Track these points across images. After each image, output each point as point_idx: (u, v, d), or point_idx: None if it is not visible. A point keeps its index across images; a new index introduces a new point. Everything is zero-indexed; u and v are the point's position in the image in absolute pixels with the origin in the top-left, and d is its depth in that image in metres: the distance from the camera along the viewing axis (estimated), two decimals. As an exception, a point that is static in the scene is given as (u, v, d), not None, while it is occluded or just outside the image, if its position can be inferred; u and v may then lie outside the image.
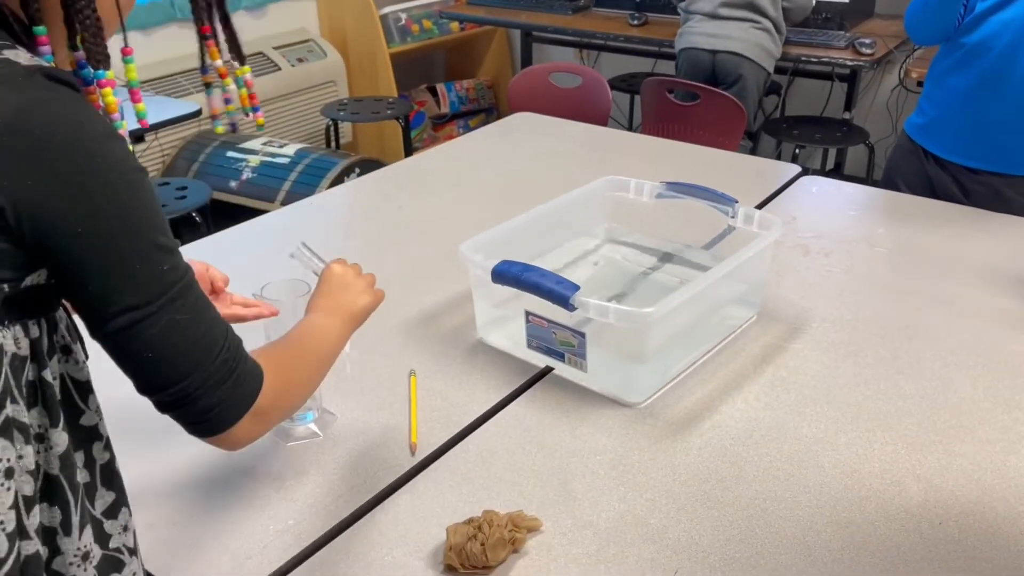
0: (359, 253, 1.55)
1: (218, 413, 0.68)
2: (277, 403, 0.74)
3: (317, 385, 0.87)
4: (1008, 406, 1.09)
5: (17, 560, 0.62)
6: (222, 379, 0.67)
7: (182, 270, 0.64)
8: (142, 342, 0.63)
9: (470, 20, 3.93)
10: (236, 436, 0.70)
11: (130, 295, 0.61)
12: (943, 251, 1.50)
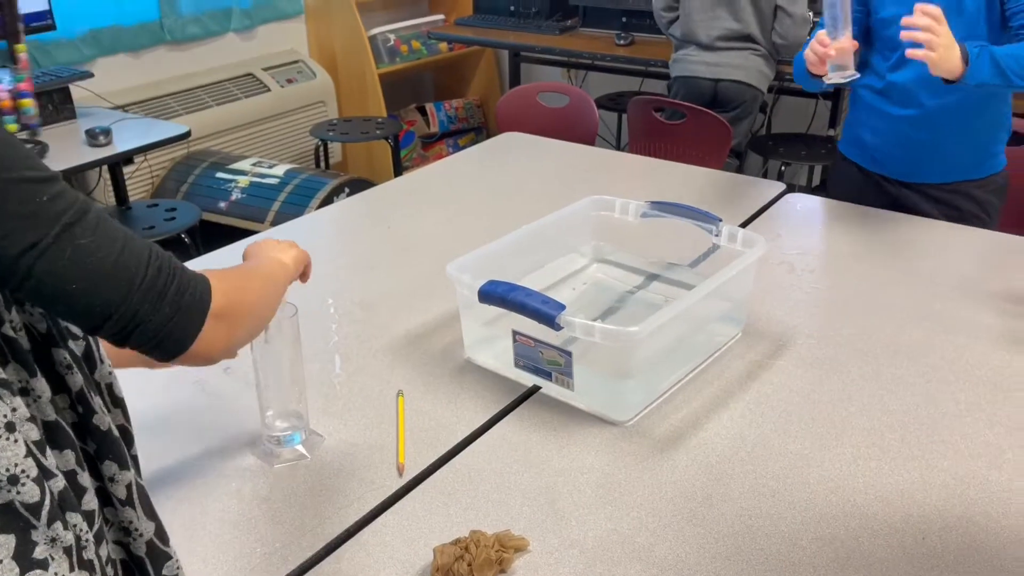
0: (348, 273, 1.56)
1: (175, 327, 0.66)
2: (236, 303, 0.72)
3: (271, 303, 0.85)
4: (990, 421, 1.10)
5: (52, 499, 0.62)
6: (162, 291, 0.65)
7: (69, 198, 0.62)
8: (56, 276, 0.61)
9: (458, 41, 3.96)
10: (208, 346, 0.69)
11: (20, 236, 0.59)
12: (925, 267, 1.52)
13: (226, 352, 0.72)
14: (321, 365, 1.27)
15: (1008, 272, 1.48)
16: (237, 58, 3.61)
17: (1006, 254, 1.57)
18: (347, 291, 1.50)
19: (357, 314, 1.42)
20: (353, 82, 3.91)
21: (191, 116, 3.24)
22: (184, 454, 1.08)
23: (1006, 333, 1.29)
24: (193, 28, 3.39)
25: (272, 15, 3.72)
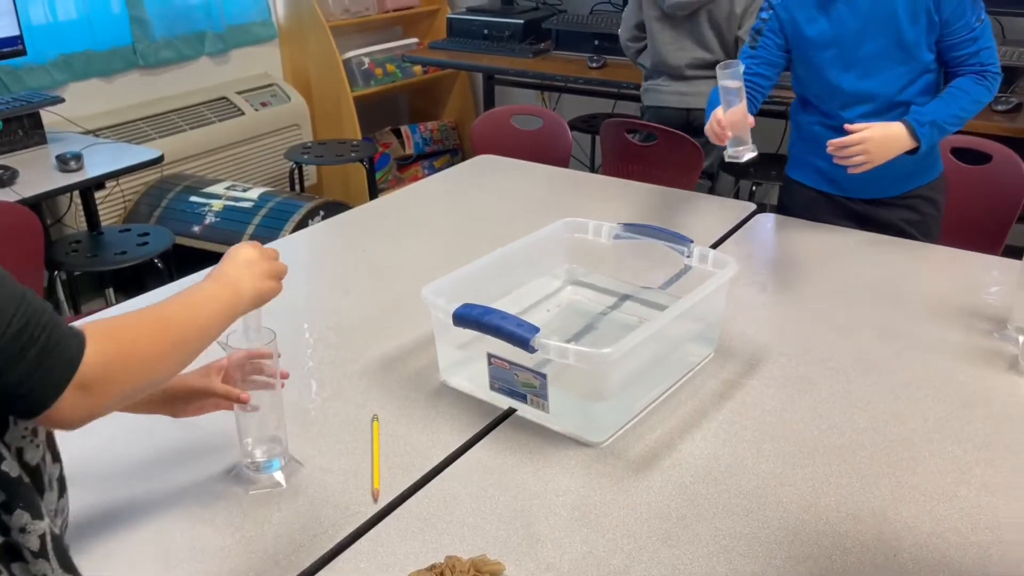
0: (323, 297, 1.56)
1: (33, 386, 0.63)
2: (111, 373, 0.68)
3: (182, 358, 0.79)
4: (957, 437, 1.12)
5: None
6: (24, 346, 0.63)
7: None
8: None
9: (432, 64, 3.98)
10: (63, 413, 0.65)
11: None
12: (894, 285, 1.54)
13: (90, 419, 0.68)
14: (296, 391, 1.26)
15: (973, 289, 1.51)
16: (211, 82, 3.60)
17: (972, 271, 1.60)
18: (322, 315, 1.50)
19: (332, 338, 1.42)
20: (328, 105, 3.91)
21: (164, 140, 3.23)
22: (158, 482, 1.07)
23: (972, 350, 1.32)
24: (166, 52, 3.39)
25: (246, 39, 3.72)
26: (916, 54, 1.64)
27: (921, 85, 1.67)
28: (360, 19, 3.99)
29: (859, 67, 1.66)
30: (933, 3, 1.58)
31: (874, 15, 1.62)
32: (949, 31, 1.61)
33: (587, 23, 3.56)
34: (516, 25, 3.69)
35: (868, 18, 1.62)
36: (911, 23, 1.61)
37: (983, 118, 2.49)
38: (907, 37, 1.62)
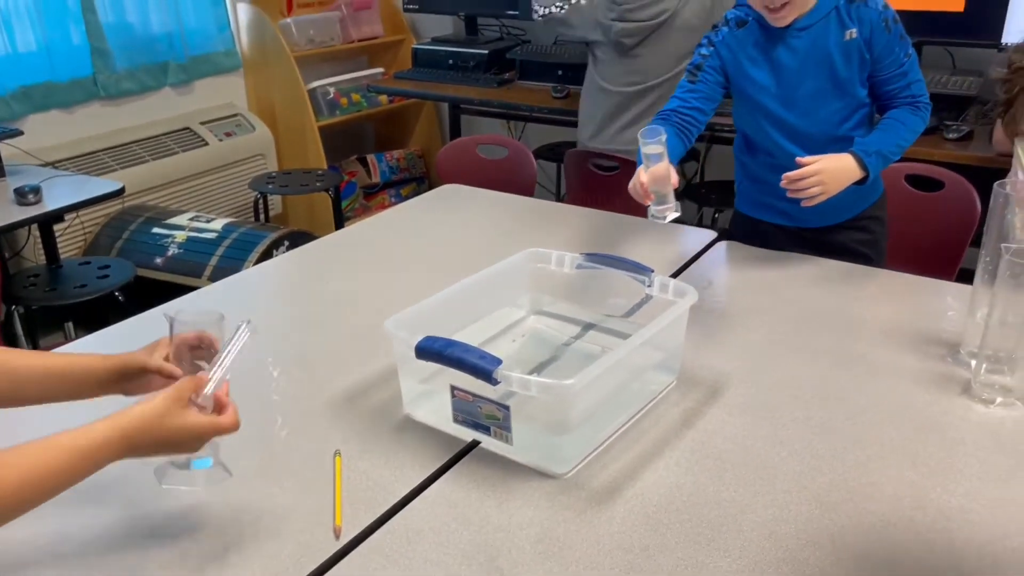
0: (286, 330, 1.55)
1: None
2: None
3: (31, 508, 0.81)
4: (913, 462, 1.14)
5: None
6: None
7: None
8: None
9: (398, 94, 4.01)
10: None
11: None
12: (851, 312, 1.57)
13: None
14: (258, 427, 1.25)
15: (928, 314, 1.54)
16: (174, 112, 3.59)
17: (926, 297, 1.64)
18: (286, 348, 1.49)
19: (295, 372, 1.41)
20: (293, 135, 3.91)
21: (126, 171, 3.20)
22: (87, 512, 1.05)
23: (926, 374, 1.34)
24: (128, 83, 3.37)
25: (210, 69, 3.72)
26: (851, 91, 1.71)
27: (857, 119, 1.74)
28: (325, 49, 4.01)
29: (799, 106, 1.72)
30: (864, 43, 1.65)
31: (810, 55, 1.68)
32: (880, 67, 1.69)
33: (551, 53, 3.61)
34: (481, 55, 3.73)
35: (805, 59, 1.68)
36: (844, 62, 1.67)
37: (936, 146, 2.56)
38: (841, 75, 1.69)
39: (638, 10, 2.54)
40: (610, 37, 2.60)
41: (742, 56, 1.72)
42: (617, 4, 2.52)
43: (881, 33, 1.65)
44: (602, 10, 2.63)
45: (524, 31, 3.99)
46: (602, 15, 2.61)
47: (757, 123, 1.78)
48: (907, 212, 2.18)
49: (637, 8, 2.54)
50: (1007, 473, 1.11)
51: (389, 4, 4.24)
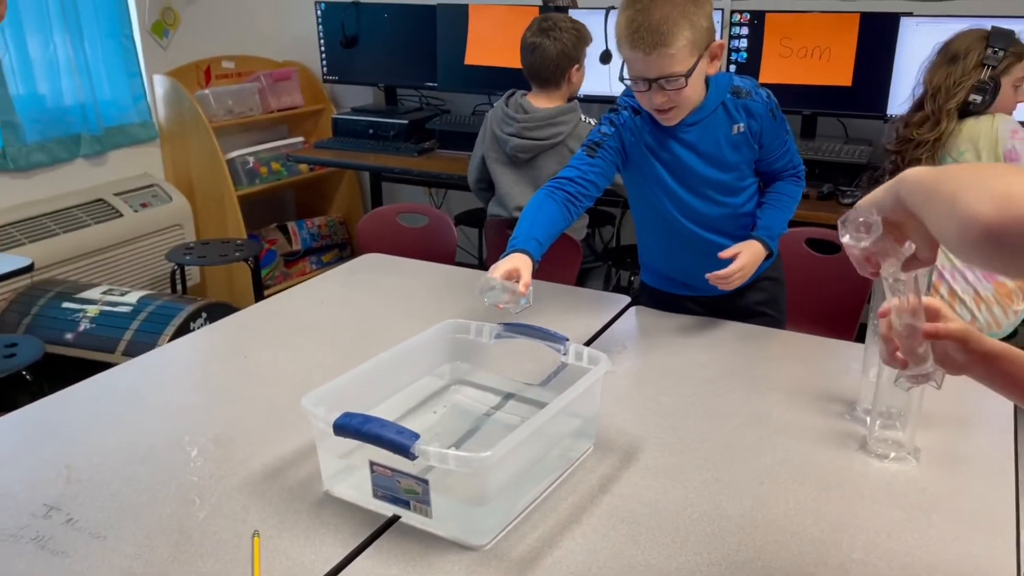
0: (203, 407, 1.53)
1: None
2: None
3: None
4: (815, 518, 1.19)
5: None
6: None
7: None
8: None
9: (318, 163, 4.03)
10: None
11: None
12: (756, 373, 1.64)
13: None
14: (172, 509, 1.23)
15: (827, 373, 1.63)
16: (87, 184, 3.53)
17: (826, 356, 1.73)
18: (203, 426, 1.47)
19: (212, 451, 1.40)
20: (211, 204, 3.89)
21: (35, 245, 3.13)
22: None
23: (826, 432, 1.42)
24: (39, 155, 3.31)
25: (125, 140, 3.69)
26: (741, 176, 1.84)
27: (748, 196, 1.87)
28: (244, 119, 4.02)
29: (695, 190, 1.82)
30: (753, 135, 1.78)
31: (701, 147, 1.78)
32: (769, 151, 1.83)
33: (470, 123, 3.71)
34: (401, 125, 3.80)
35: (696, 150, 1.78)
36: (733, 152, 1.80)
37: (833, 211, 2.72)
38: (731, 163, 1.81)
39: (535, 129, 2.64)
40: (504, 150, 2.70)
41: (641, 142, 1.81)
42: (515, 121, 2.61)
43: (770, 124, 1.78)
44: (498, 123, 2.72)
45: (443, 101, 4.09)
46: (498, 128, 2.70)
47: (658, 205, 1.87)
48: (808, 275, 2.31)
49: (535, 128, 2.64)
50: (900, 525, 1.18)
51: (308, 75, 4.29)
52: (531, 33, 2.64)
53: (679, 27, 1.57)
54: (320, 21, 4.03)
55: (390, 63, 3.98)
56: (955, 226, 0.69)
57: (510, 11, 3.63)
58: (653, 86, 1.63)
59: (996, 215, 0.65)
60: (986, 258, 0.70)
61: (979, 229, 0.66)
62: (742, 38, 3.18)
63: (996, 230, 0.65)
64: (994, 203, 0.65)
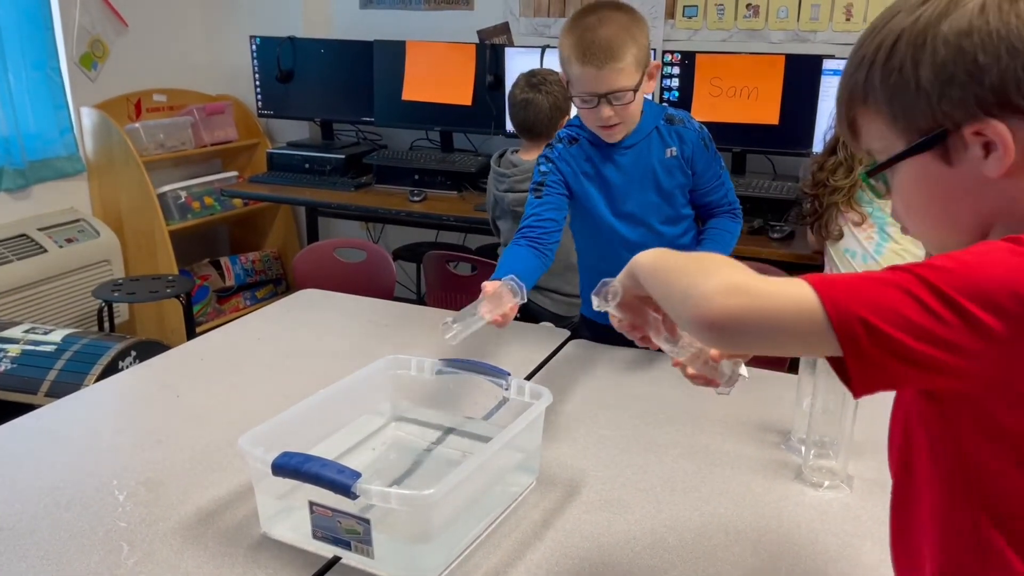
0: (132, 449, 1.48)
1: None
2: None
3: None
4: (755, 548, 1.21)
5: None
6: None
7: None
8: None
9: (252, 198, 3.98)
10: None
11: None
12: (694, 404, 1.67)
13: None
14: (100, 557, 1.18)
15: (763, 404, 1.66)
16: (8, 219, 3.41)
17: (761, 387, 1.76)
18: (132, 469, 1.42)
19: (143, 495, 1.35)
20: (141, 239, 3.79)
21: (-47, 282, 3.00)
22: None
23: (763, 461, 1.45)
24: (-42, 189, 3.19)
25: (49, 174, 3.58)
26: (675, 203, 1.88)
27: (683, 228, 1.92)
28: (176, 153, 3.95)
29: (630, 218, 1.86)
30: (685, 160, 1.83)
31: (635, 171, 1.83)
32: (702, 181, 1.88)
33: (407, 159, 3.71)
34: (337, 160, 3.78)
35: (631, 174, 1.83)
36: (667, 176, 1.84)
37: (762, 245, 2.80)
38: (665, 188, 1.85)
39: (524, 181, 2.68)
40: (504, 207, 2.73)
41: (578, 171, 1.85)
42: (507, 177, 2.65)
43: (701, 151, 1.83)
44: (494, 183, 2.76)
45: (380, 136, 4.09)
46: (494, 188, 2.74)
47: (595, 235, 1.91)
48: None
49: (524, 180, 2.68)
50: (836, 552, 1.20)
51: (243, 109, 4.25)
52: (520, 89, 2.67)
53: (626, 44, 1.66)
54: (255, 55, 4.00)
55: (326, 98, 3.97)
56: (689, 316, 0.76)
57: (447, 48, 3.67)
58: (601, 101, 1.70)
59: (723, 306, 0.73)
60: (717, 342, 0.81)
61: (710, 320, 0.74)
62: (674, 77, 3.27)
63: (723, 320, 0.73)
64: (720, 295, 0.73)
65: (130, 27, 3.88)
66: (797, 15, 3.26)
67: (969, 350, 0.66)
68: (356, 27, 4.01)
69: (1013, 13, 0.69)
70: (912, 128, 0.74)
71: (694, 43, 3.42)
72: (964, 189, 0.74)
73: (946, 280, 0.66)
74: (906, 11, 0.74)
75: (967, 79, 0.70)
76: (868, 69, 0.76)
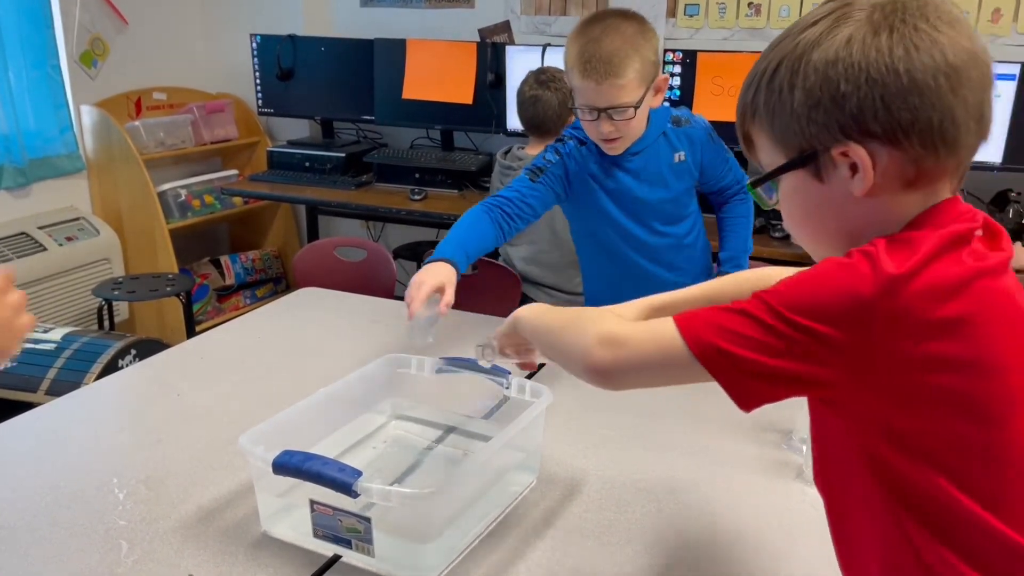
0: (133, 447, 1.48)
1: None
2: None
3: None
4: (757, 549, 1.21)
5: None
6: None
7: None
8: None
9: (252, 196, 3.97)
10: None
11: None
12: (695, 405, 1.66)
13: None
14: (101, 555, 1.18)
15: (763, 403, 1.66)
16: (8, 217, 3.41)
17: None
18: (132, 467, 1.42)
19: (143, 493, 1.35)
20: (141, 238, 3.79)
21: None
22: None
23: (764, 461, 1.44)
24: (-42, 187, 3.19)
25: (49, 173, 3.57)
26: (684, 204, 1.89)
27: (688, 225, 1.92)
28: (176, 152, 3.95)
29: (641, 221, 1.86)
30: (694, 163, 1.83)
31: (645, 176, 1.83)
32: (712, 171, 1.87)
33: (408, 157, 3.71)
34: (338, 158, 3.78)
35: (640, 179, 1.83)
36: (676, 180, 1.85)
37: (764, 244, 2.80)
38: (675, 191, 1.85)
39: None
40: None
41: (586, 173, 1.84)
42: (512, 170, 2.65)
43: (708, 147, 1.83)
44: (499, 178, 2.76)
45: (380, 135, 4.08)
46: (499, 182, 2.74)
47: (602, 236, 1.90)
48: (741, 306, 2.36)
49: None
50: (838, 552, 1.20)
51: (243, 107, 4.25)
52: (529, 87, 2.68)
53: (629, 59, 1.61)
54: (255, 54, 4.00)
55: (327, 96, 3.97)
56: (577, 370, 0.91)
57: (448, 46, 3.66)
58: (601, 115, 1.67)
59: (602, 359, 0.87)
60: (607, 387, 0.91)
61: (594, 371, 0.88)
62: (675, 76, 3.27)
63: (605, 370, 0.87)
64: (597, 349, 0.86)
65: (130, 25, 3.87)
66: (799, 14, 3.26)
67: (821, 360, 0.73)
68: (357, 25, 4.00)
69: (874, 47, 0.74)
70: (789, 146, 0.80)
71: (695, 42, 3.41)
72: (834, 204, 0.80)
73: (781, 301, 0.74)
74: (790, 36, 0.79)
75: (831, 105, 0.75)
76: (755, 89, 0.82)
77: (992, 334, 0.73)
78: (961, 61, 0.74)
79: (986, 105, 0.76)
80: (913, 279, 0.71)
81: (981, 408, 0.74)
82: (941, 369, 0.71)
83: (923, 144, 0.74)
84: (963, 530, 0.75)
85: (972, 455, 0.75)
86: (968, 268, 0.73)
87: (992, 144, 2.78)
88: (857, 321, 0.71)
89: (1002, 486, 0.75)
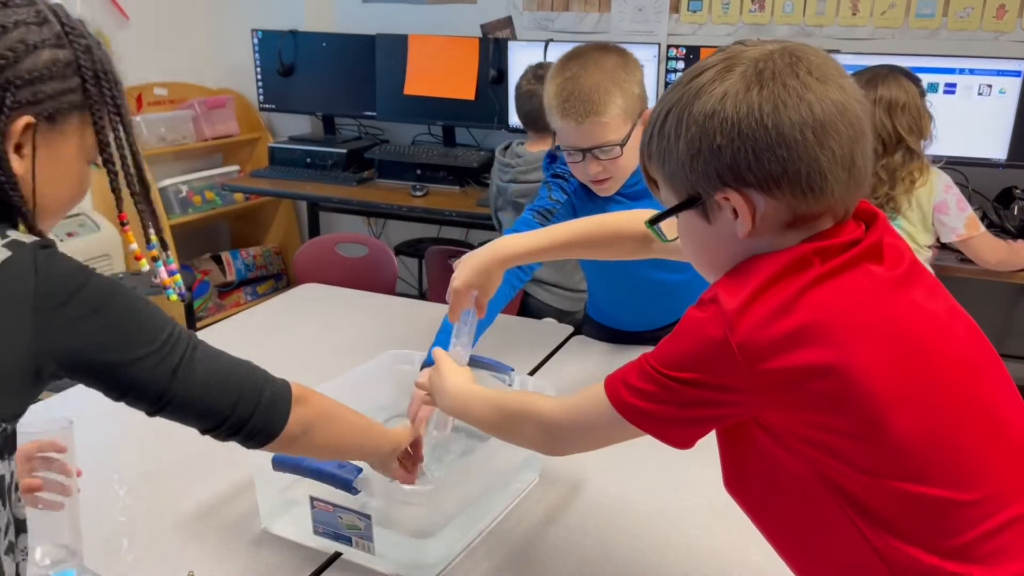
0: (134, 444, 1.47)
1: None
2: None
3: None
4: (759, 546, 1.20)
5: None
6: None
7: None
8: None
9: (253, 192, 3.96)
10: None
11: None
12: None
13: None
14: (101, 551, 1.17)
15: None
16: (9, 212, 3.40)
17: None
18: (134, 463, 1.41)
19: (144, 489, 1.34)
20: (142, 234, 3.77)
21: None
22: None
23: (768, 458, 1.43)
24: (-42, 182, 3.18)
25: (51, 168, 3.56)
26: None
27: None
28: (177, 147, 3.93)
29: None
30: None
31: (643, 201, 1.77)
32: None
33: (409, 153, 3.70)
34: (339, 154, 3.76)
35: (640, 204, 1.76)
36: None
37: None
38: None
39: (530, 172, 2.66)
40: (507, 198, 2.71)
41: (591, 207, 1.77)
42: (511, 167, 2.63)
43: None
44: (497, 173, 2.74)
45: (382, 131, 4.07)
46: (497, 178, 2.73)
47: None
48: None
49: (529, 171, 2.66)
50: (842, 550, 1.19)
51: (244, 103, 4.23)
52: (527, 81, 2.66)
53: (611, 95, 1.52)
54: (256, 49, 3.99)
55: (328, 92, 3.95)
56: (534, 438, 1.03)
57: (450, 42, 3.65)
58: (587, 156, 1.58)
59: (551, 452, 1.04)
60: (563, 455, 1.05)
61: (547, 454, 1.05)
62: (678, 72, 3.26)
63: (557, 453, 1.04)
64: (546, 442, 1.02)
65: (131, 20, 3.86)
66: (803, 9, 3.24)
67: (715, 400, 0.81)
68: (358, 21, 3.99)
69: (745, 102, 0.77)
70: (679, 189, 0.85)
71: (699, 37, 3.40)
72: (723, 242, 0.84)
73: (659, 361, 0.83)
74: (680, 85, 0.83)
75: (710, 155, 0.80)
76: (650, 135, 0.86)
77: (841, 333, 0.75)
78: (829, 115, 0.77)
79: (857, 154, 0.79)
80: (746, 310, 0.76)
81: (853, 403, 0.76)
82: (806, 377, 0.75)
83: (794, 193, 0.78)
84: (892, 504, 0.78)
85: (871, 447, 0.77)
86: (796, 284, 0.77)
87: (997, 141, 2.78)
88: (721, 359, 0.77)
89: (908, 466, 0.77)
